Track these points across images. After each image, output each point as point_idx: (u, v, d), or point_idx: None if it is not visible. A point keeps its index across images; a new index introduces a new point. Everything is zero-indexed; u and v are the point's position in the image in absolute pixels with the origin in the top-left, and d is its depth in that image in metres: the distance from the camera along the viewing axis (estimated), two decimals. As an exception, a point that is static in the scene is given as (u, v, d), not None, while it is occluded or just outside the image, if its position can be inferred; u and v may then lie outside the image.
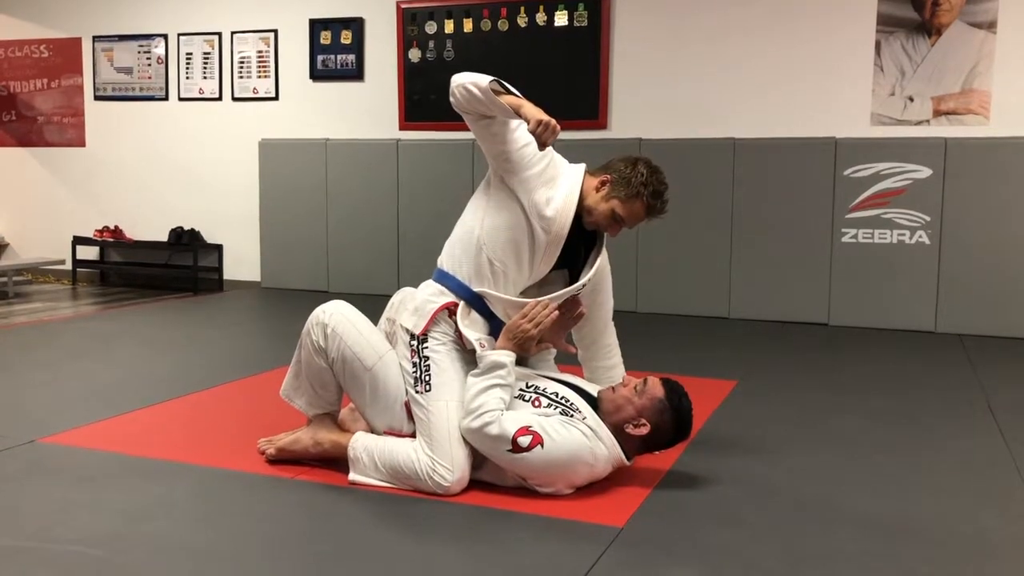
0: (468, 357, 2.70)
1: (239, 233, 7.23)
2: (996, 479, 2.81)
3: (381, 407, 2.73)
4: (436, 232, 6.46)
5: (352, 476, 2.67)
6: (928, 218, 5.45)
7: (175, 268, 7.38)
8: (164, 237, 7.38)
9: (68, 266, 7.60)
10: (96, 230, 7.54)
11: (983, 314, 5.37)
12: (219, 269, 7.33)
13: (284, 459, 2.83)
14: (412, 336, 2.69)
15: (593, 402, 2.66)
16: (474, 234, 2.74)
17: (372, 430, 2.79)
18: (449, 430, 2.57)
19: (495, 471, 2.62)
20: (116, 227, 7.52)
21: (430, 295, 2.74)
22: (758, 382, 4.09)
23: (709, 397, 3.67)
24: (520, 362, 2.72)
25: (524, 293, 2.77)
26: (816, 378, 4.25)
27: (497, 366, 2.58)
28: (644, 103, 6.09)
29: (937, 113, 5.50)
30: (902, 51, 5.54)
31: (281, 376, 2.97)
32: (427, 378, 2.63)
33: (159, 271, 7.45)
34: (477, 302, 2.71)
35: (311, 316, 2.79)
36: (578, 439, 2.53)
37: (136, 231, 7.53)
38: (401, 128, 6.71)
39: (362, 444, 2.69)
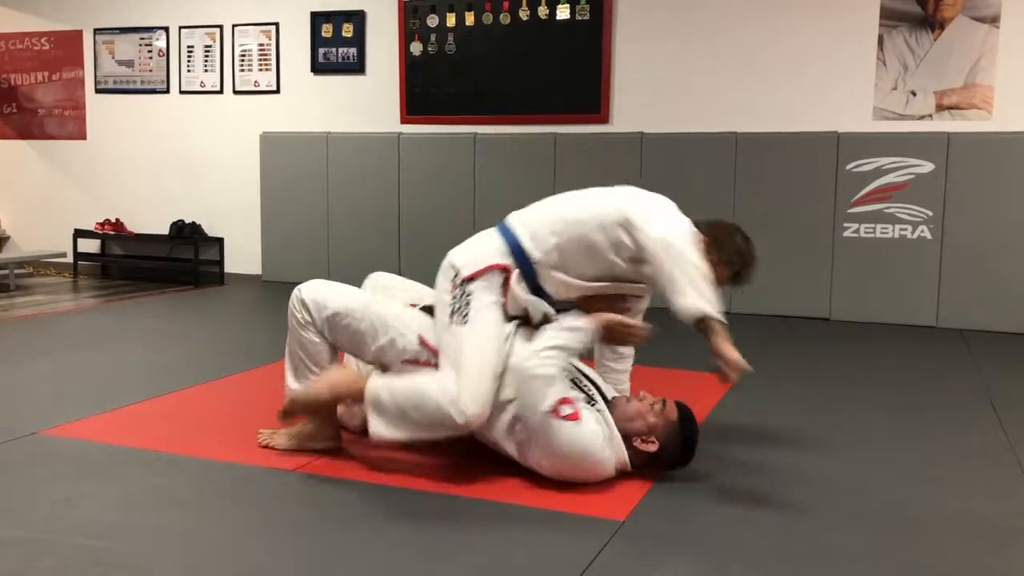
0: (505, 318, 2.69)
1: (240, 226, 7.23)
2: (997, 473, 2.81)
3: (389, 342, 2.73)
4: (437, 225, 6.52)
5: (372, 427, 2.64)
6: (930, 213, 5.44)
7: (176, 261, 7.37)
8: (165, 230, 7.37)
9: (69, 259, 7.59)
10: (97, 223, 7.53)
11: (985, 309, 5.37)
12: (220, 262, 7.33)
13: (297, 411, 2.80)
14: (456, 274, 2.68)
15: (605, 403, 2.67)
16: (585, 238, 2.70)
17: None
18: (480, 365, 2.55)
19: (501, 432, 2.61)
20: (117, 220, 7.51)
21: (492, 249, 2.73)
22: (759, 377, 4.07)
23: (710, 391, 3.66)
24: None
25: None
26: (817, 373, 4.25)
27: (581, 333, 2.59)
28: (646, 97, 6.08)
29: (940, 108, 5.49)
30: (905, 45, 5.53)
31: (282, 369, 2.97)
32: (466, 312, 2.61)
33: (160, 264, 7.44)
34: (530, 274, 2.71)
35: (290, 302, 2.86)
36: (602, 433, 2.55)
37: (137, 224, 7.53)
38: (402, 122, 6.70)
39: (381, 382, 2.66)
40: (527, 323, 2.74)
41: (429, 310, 2.83)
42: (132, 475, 2.68)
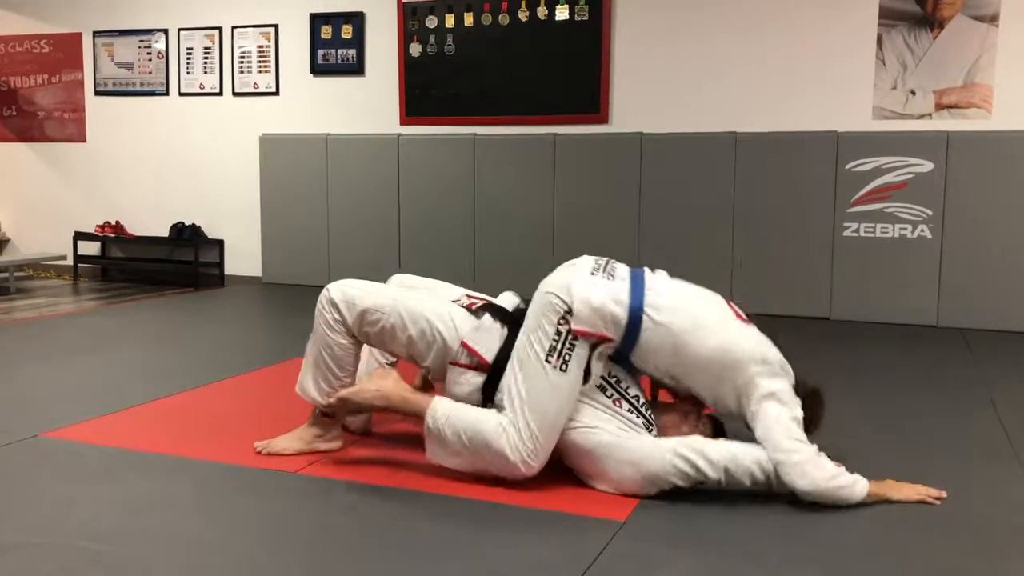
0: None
1: (240, 228, 7.23)
2: (998, 471, 2.82)
3: (419, 332, 2.70)
4: (437, 225, 6.52)
5: (429, 453, 2.63)
6: (930, 212, 5.44)
7: (176, 263, 7.37)
8: (165, 232, 7.37)
9: (69, 261, 7.59)
10: (97, 225, 7.54)
11: (985, 308, 5.37)
12: (220, 264, 7.33)
13: (340, 411, 2.78)
14: (569, 312, 2.51)
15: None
16: (700, 372, 2.59)
17: (428, 372, 2.77)
18: (559, 422, 2.52)
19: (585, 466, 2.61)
20: (117, 222, 7.52)
21: (610, 317, 2.53)
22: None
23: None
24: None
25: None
26: (817, 372, 4.20)
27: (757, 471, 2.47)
28: (645, 97, 6.08)
29: (939, 107, 5.49)
30: (904, 45, 5.53)
31: (283, 370, 2.98)
32: (567, 358, 2.51)
33: (160, 266, 7.44)
34: (629, 341, 2.57)
35: (318, 303, 2.80)
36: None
37: (137, 226, 7.53)
38: (402, 123, 6.70)
39: (443, 414, 2.59)
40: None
41: (478, 312, 2.74)
42: (133, 478, 2.68)
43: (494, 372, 2.63)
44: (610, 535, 2.27)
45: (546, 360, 2.51)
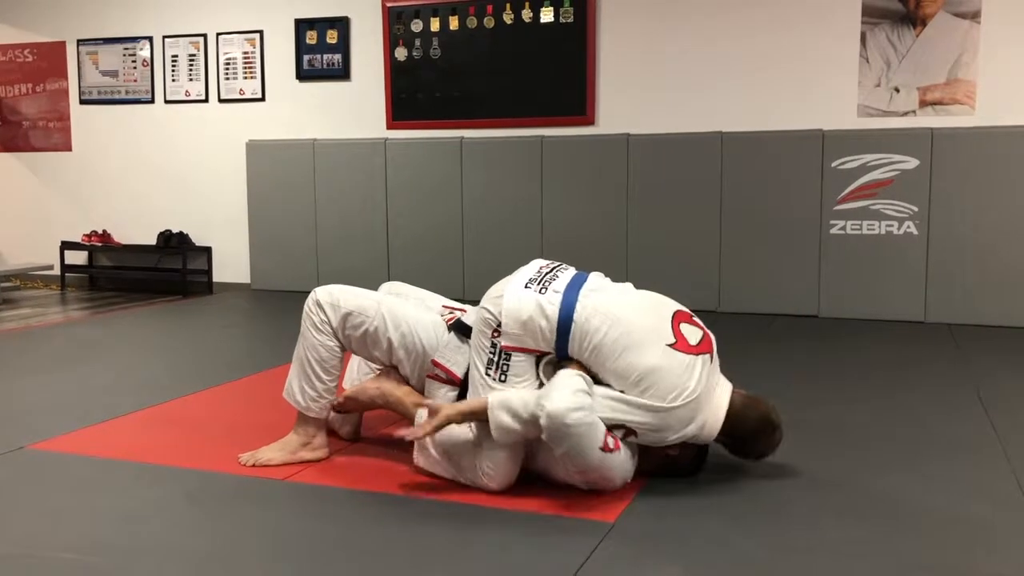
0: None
1: (228, 235, 7.21)
2: (985, 467, 2.83)
3: (400, 337, 2.74)
4: (425, 229, 6.51)
5: (415, 458, 2.70)
6: (916, 208, 5.47)
7: (164, 271, 7.35)
8: (153, 240, 7.35)
9: (57, 271, 7.56)
10: (84, 234, 7.51)
11: (972, 303, 5.39)
12: (208, 272, 7.31)
13: (351, 409, 2.88)
14: (499, 326, 2.56)
15: None
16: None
17: (407, 379, 2.81)
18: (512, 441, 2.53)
19: (547, 462, 2.59)
20: (104, 231, 7.49)
21: (538, 331, 2.53)
22: (747, 375, 4.08)
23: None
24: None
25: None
26: (806, 370, 4.26)
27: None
28: (631, 98, 6.10)
29: (923, 104, 5.52)
30: (887, 42, 5.55)
31: (273, 377, 2.98)
32: (505, 367, 2.55)
33: (148, 275, 7.42)
34: (561, 351, 2.56)
35: (305, 305, 2.84)
36: (630, 464, 2.55)
37: (124, 235, 7.51)
38: (389, 127, 6.70)
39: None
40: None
41: (449, 327, 2.78)
42: (121, 488, 2.67)
43: (466, 386, 2.67)
44: (599, 538, 2.27)
45: (486, 374, 2.57)
